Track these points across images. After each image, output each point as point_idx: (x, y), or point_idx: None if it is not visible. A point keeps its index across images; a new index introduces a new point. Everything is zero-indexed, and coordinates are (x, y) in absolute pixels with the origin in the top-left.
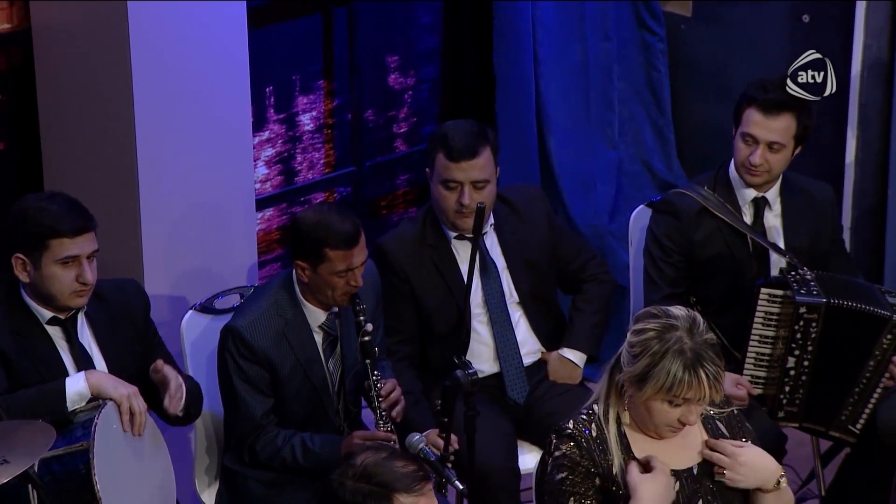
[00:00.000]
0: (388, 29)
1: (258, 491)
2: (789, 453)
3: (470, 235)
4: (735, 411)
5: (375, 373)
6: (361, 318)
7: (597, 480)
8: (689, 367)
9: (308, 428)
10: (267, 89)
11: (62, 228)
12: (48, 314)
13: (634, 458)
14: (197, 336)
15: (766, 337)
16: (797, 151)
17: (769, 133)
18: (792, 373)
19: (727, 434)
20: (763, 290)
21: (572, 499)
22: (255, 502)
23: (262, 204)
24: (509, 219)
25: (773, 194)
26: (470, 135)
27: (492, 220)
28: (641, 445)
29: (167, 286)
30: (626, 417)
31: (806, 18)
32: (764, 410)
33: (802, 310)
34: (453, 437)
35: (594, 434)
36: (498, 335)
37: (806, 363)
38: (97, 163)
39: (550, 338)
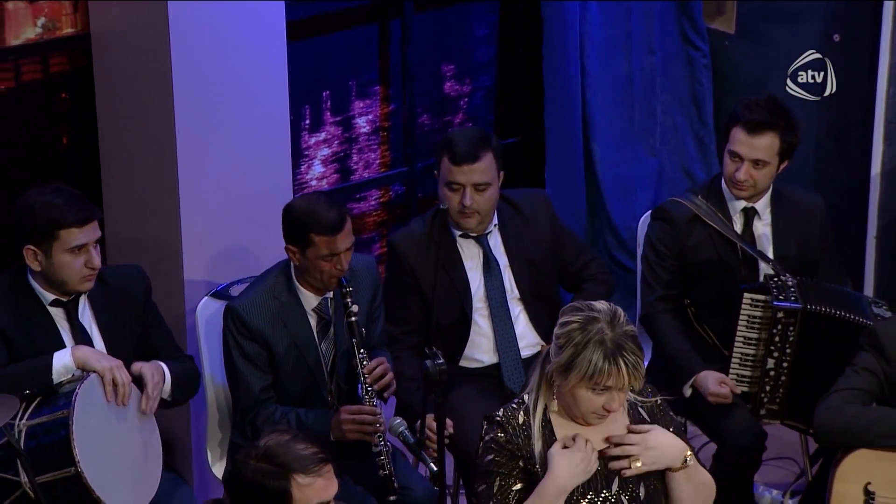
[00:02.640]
0: (445, 40)
1: None
2: (790, 447)
3: (474, 234)
4: (659, 401)
5: (361, 351)
6: (349, 299)
7: (521, 462)
8: (609, 357)
9: (304, 405)
10: (324, 93)
11: (70, 220)
12: (51, 297)
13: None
14: (210, 320)
15: (750, 339)
16: (783, 166)
17: (753, 151)
18: (772, 373)
19: (649, 420)
20: (746, 294)
21: (498, 478)
22: None
23: None
24: (514, 220)
25: (762, 205)
26: (473, 141)
27: (496, 221)
28: (563, 427)
29: (205, 276)
30: (553, 406)
31: (837, 38)
32: (748, 407)
33: (780, 314)
34: (448, 422)
35: (521, 421)
36: (497, 328)
37: (785, 364)
38: (145, 158)
39: (550, 332)
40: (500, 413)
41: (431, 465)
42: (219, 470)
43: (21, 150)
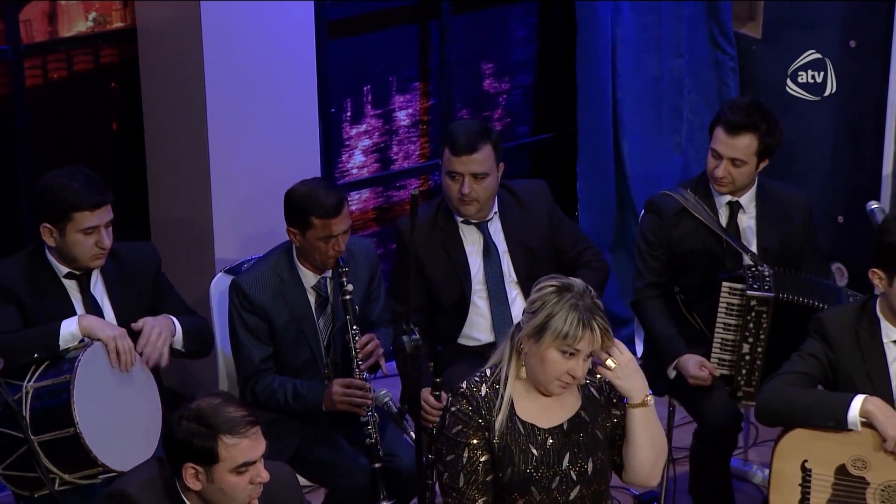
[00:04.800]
0: (485, 41)
1: (261, 429)
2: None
3: (475, 221)
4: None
5: (354, 327)
6: (344, 279)
7: (486, 434)
8: (583, 319)
9: (302, 376)
10: (365, 88)
11: (84, 204)
12: (65, 270)
13: None
14: (223, 295)
15: (729, 325)
16: (762, 165)
17: (731, 150)
18: (747, 357)
19: (599, 398)
20: (724, 283)
21: (466, 449)
22: None
23: (360, 185)
24: (514, 209)
25: (747, 199)
26: (472, 133)
27: (496, 209)
28: (523, 403)
29: (235, 256)
30: (522, 372)
31: (853, 44)
32: (728, 389)
33: (753, 302)
34: (443, 395)
35: (483, 394)
36: (494, 309)
37: (759, 349)
38: (182, 146)
39: None
40: (464, 386)
41: (411, 433)
42: None
43: (74, 135)
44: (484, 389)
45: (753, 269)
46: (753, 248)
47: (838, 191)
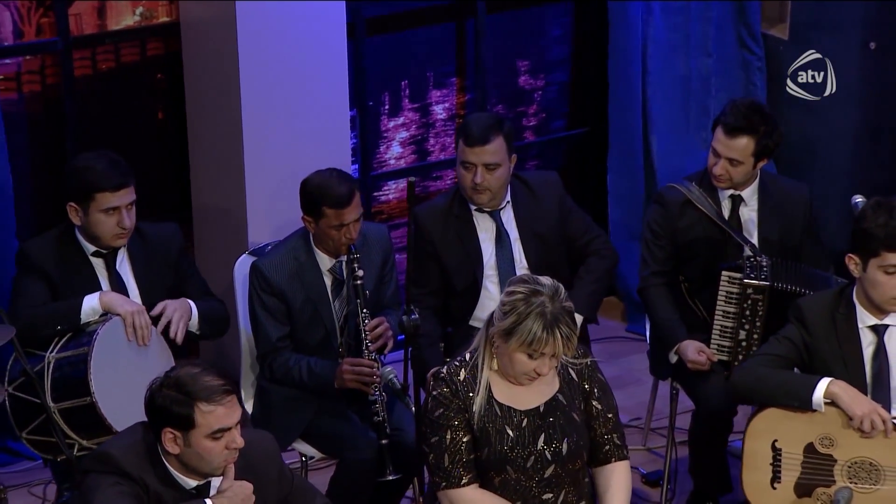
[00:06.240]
0: (521, 39)
1: (278, 403)
2: None
3: (488, 209)
4: (588, 363)
5: (364, 311)
6: (355, 265)
7: (466, 415)
8: (548, 327)
9: (317, 354)
10: (402, 83)
11: (105, 185)
12: (92, 248)
13: None
14: (246, 275)
15: (728, 312)
16: (761, 163)
17: (728, 150)
18: (744, 343)
19: (577, 380)
20: (724, 273)
21: (449, 431)
22: (275, 412)
23: (397, 175)
24: (526, 198)
25: (748, 193)
26: (485, 125)
27: (508, 198)
28: (500, 388)
29: (267, 241)
30: (493, 364)
31: (872, 45)
32: (725, 374)
33: (749, 290)
34: None
35: (462, 378)
36: None
37: (755, 336)
38: (219, 136)
39: None
40: (444, 370)
41: (412, 407)
42: (250, 406)
43: (121, 124)
44: (463, 374)
45: (752, 259)
46: (754, 240)
47: (859, 188)
